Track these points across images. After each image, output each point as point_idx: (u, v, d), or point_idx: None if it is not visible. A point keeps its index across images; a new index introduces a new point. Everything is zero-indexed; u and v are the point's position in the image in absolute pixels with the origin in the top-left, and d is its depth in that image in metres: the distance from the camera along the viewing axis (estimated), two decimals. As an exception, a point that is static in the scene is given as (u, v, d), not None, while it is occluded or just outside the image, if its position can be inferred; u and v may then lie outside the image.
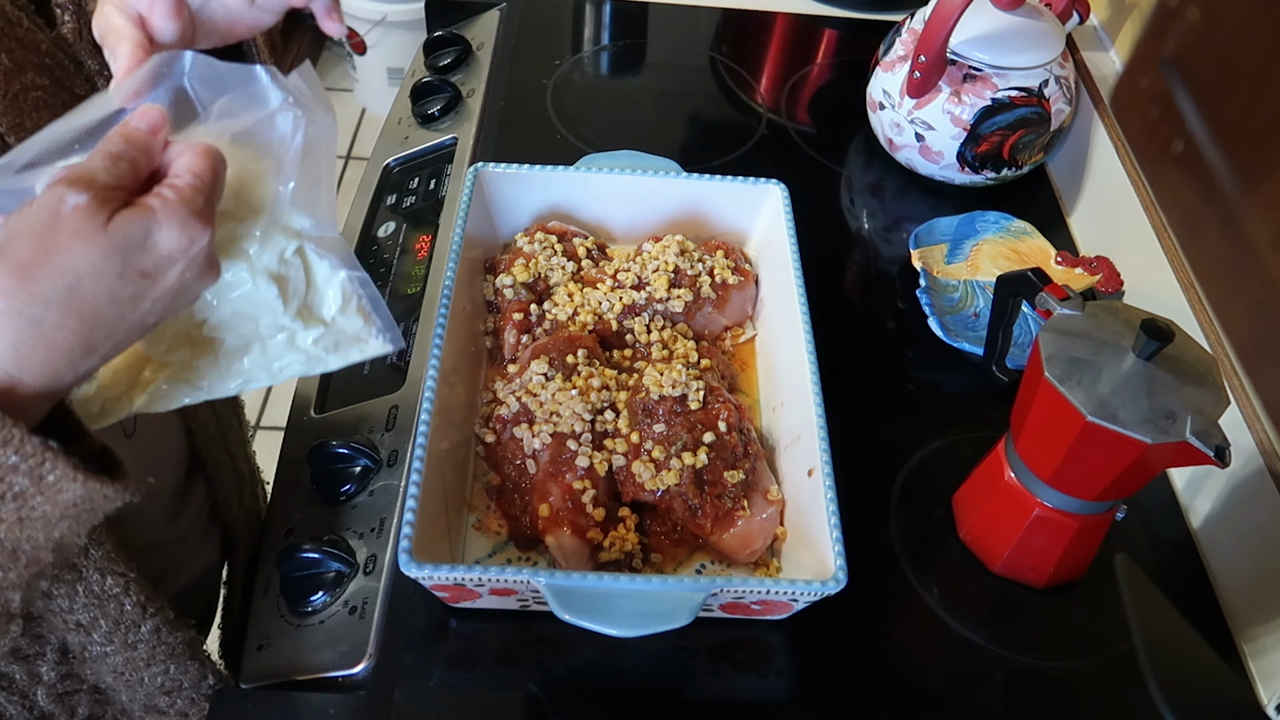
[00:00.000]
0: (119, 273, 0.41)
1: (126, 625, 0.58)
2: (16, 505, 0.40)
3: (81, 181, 0.41)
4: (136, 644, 0.60)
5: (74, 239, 0.40)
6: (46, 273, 0.40)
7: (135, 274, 0.42)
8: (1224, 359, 0.80)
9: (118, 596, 0.57)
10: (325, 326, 0.51)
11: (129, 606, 0.58)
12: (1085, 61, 1.10)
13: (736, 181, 0.88)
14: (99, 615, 0.57)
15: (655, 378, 0.75)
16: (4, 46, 0.55)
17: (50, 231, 0.40)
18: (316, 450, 0.77)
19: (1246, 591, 0.75)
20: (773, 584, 0.62)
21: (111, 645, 0.59)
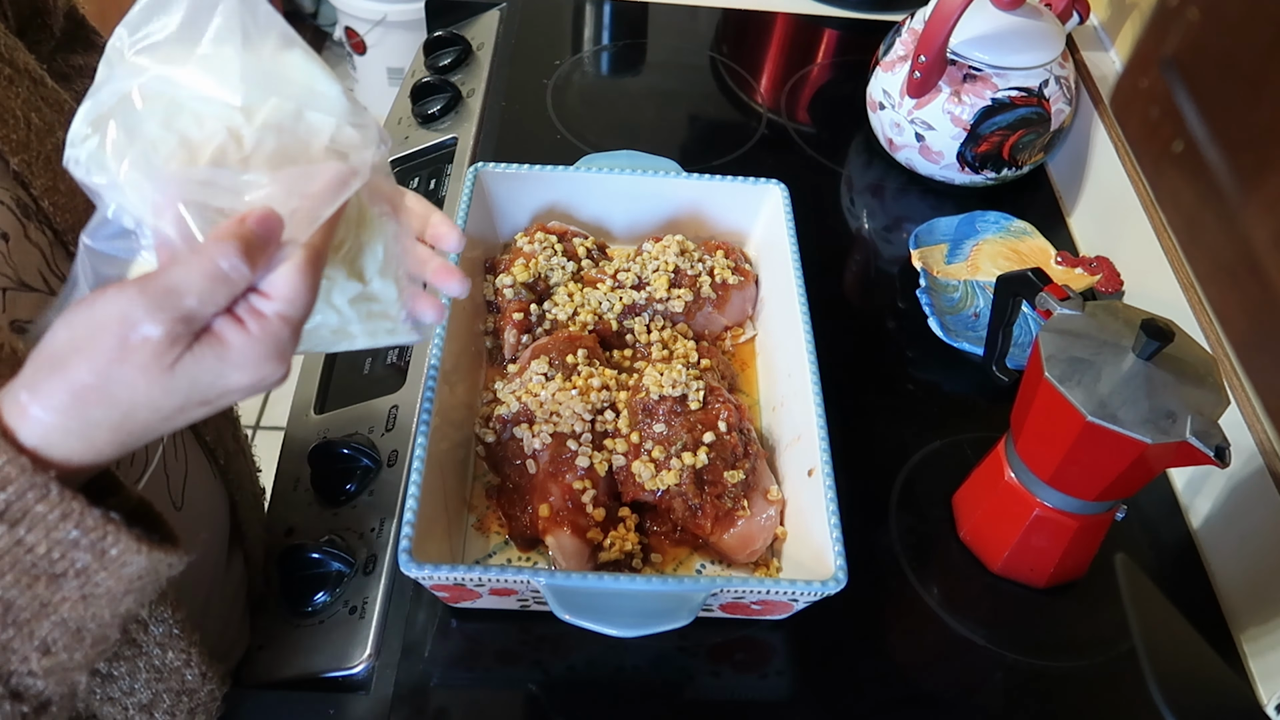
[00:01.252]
0: (179, 407, 0.40)
1: (189, 694, 0.57)
2: (79, 583, 0.39)
3: (164, 307, 0.37)
4: (195, 710, 0.58)
5: (138, 374, 0.38)
6: (102, 401, 0.38)
7: (196, 404, 0.40)
8: (1224, 359, 0.80)
9: (179, 669, 0.54)
10: (363, 285, 0.47)
11: (190, 678, 0.56)
12: (1085, 61, 1.10)
13: (736, 181, 0.88)
14: (161, 691, 0.55)
15: (655, 378, 0.75)
16: (33, 106, 0.54)
17: (115, 359, 0.37)
18: (316, 450, 0.77)
19: (1246, 591, 0.75)
20: (773, 584, 0.62)
21: (175, 718, 0.57)
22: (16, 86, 0.53)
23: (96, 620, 0.40)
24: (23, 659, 0.39)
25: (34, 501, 0.37)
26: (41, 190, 0.52)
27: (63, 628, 0.39)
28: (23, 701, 0.40)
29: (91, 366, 0.37)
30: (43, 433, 0.38)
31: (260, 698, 0.67)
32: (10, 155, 0.51)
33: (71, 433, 0.38)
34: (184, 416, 0.40)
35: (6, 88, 0.52)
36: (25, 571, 0.37)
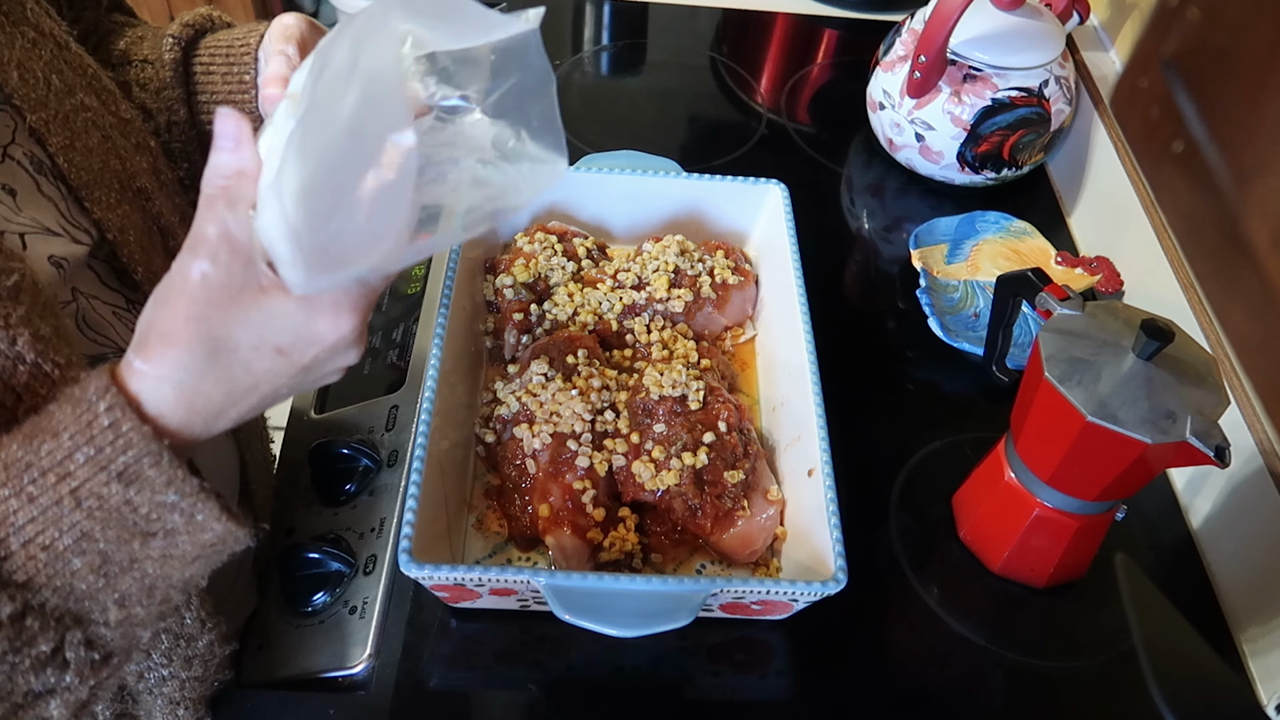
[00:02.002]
0: (254, 346, 0.42)
1: (187, 639, 0.58)
2: (165, 543, 0.42)
3: (231, 251, 0.41)
4: (192, 660, 0.59)
5: (211, 308, 0.41)
6: (186, 339, 0.41)
7: (271, 349, 0.42)
8: (1224, 359, 0.80)
9: (179, 609, 0.56)
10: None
11: (189, 621, 0.57)
12: (1085, 61, 1.10)
13: (736, 181, 0.88)
14: (159, 630, 0.56)
15: (655, 378, 0.75)
16: (55, 68, 0.56)
17: (204, 303, 0.41)
18: (316, 450, 0.77)
19: (1246, 591, 0.75)
20: (773, 584, 0.62)
21: (170, 665, 0.58)
22: (40, 49, 0.55)
23: (166, 581, 0.44)
24: (103, 609, 0.42)
25: (148, 466, 0.40)
26: (58, 147, 0.54)
27: (140, 584, 0.43)
28: (94, 649, 0.42)
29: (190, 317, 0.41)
30: (158, 399, 0.41)
31: (260, 698, 0.67)
32: (29, 112, 0.53)
33: (168, 383, 0.41)
34: (265, 370, 0.43)
35: (30, 50, 0.54)
36: (126, 528, 0.41)
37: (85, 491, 0.40)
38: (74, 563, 0.40)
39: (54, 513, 0.40)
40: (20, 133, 0.54)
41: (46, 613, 0.40)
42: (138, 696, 0.59)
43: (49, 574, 0.40)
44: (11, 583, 0.40)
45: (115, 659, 0.44)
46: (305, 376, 0.45)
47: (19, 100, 0.53)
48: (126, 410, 0.40)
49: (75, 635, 0.42)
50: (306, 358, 0.43)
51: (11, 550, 0.40)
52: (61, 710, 0.43)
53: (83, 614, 0.42)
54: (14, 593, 0.39)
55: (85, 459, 0.40)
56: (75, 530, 0.40)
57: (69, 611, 0.41)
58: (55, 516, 0.40)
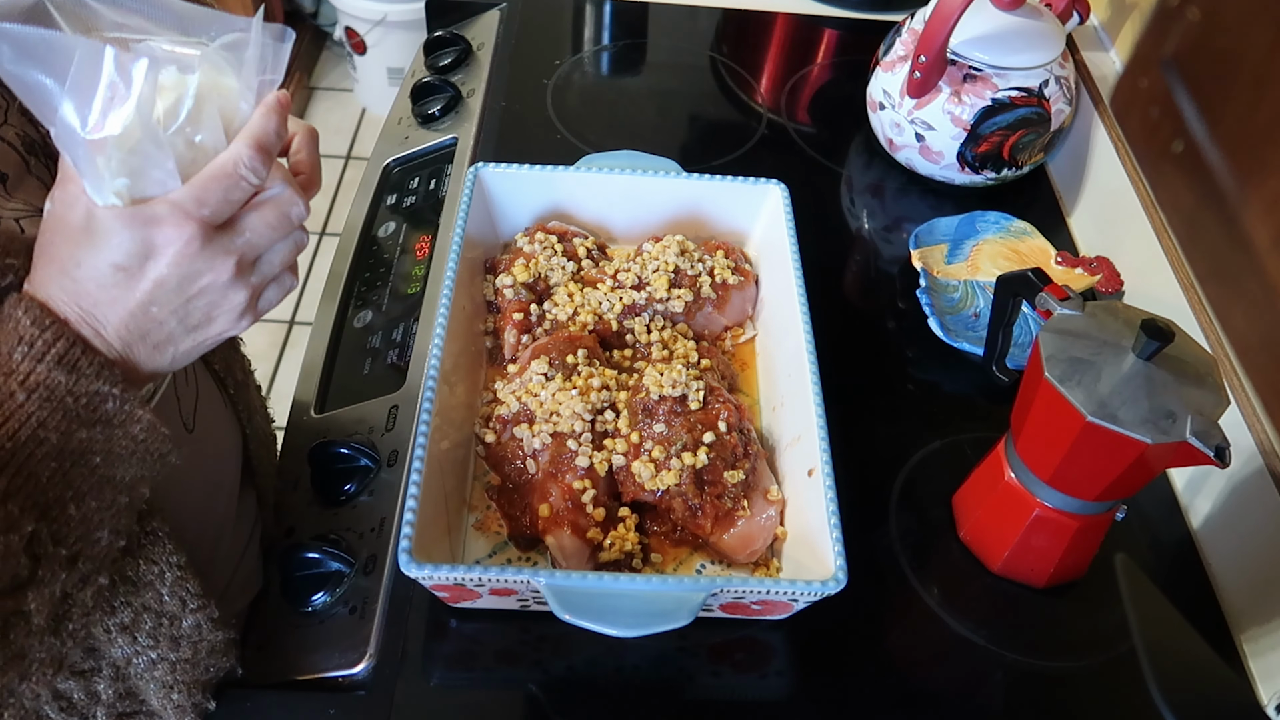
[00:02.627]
0: (93, 264, 0.46)
1: (169, 618, 0.59)
2: (104, 435, 0.47)
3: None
4: (179, 640, 0.60)
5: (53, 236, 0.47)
6: (44, 261, 0.47)
7: (108, 267, 0.46)
8: (1224, 359, 0.80)
9: (152, 581, 0.57)
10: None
11: (167, 597, 0.58)
12: (1085, 61, 1.10)
13: (736, 181, 0.88)
14: (142, 611, 0.57)
15: (655, 378, 0.75)
16: None
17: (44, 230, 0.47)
18: (316, 450, 0.77)
19: (1246, 591, 0.75)
20: (773, 584, 0.62)
21: (156, 648, 0.59)
22: None
23: (110, 481, 0.48)
24: (61, 505, 0.46)
25: (79, 353, 0.46)
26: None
27: (90, 479, 0.47)
28: (60, 545, 0.46)
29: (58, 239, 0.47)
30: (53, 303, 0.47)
31: (260, 698, 0.67)
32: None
33: (71, 308, 0.46)
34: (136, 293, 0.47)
35: None
36: (70, 416, 0.46)
37: (32, 381, 0.45)
38: (35, 453, 0.45)
39: (9, 405, 0.44)
40: (12, 113, 0.55)
41: (22, 498, 0.44)
42: (129, 680, 0.59)
43: (17, 463, 0.44)
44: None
45: (80, 563, 0.48)
46: (186, 295, 0.48)
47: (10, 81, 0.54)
48: (42, 309, 0.46)
49: (42, 529, 0.45)
50: (151, 272, 0.46)
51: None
52: (39, 604, 0.46)
53: (46, 507, 0.45)
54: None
55: (23, 355, 0.45)
56: (31, 420, 0.45)
57: (34, 504, 0.45)
58: (11, 409, 0.44)
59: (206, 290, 0.48)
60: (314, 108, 2.65)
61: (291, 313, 2.17)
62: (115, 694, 0.59)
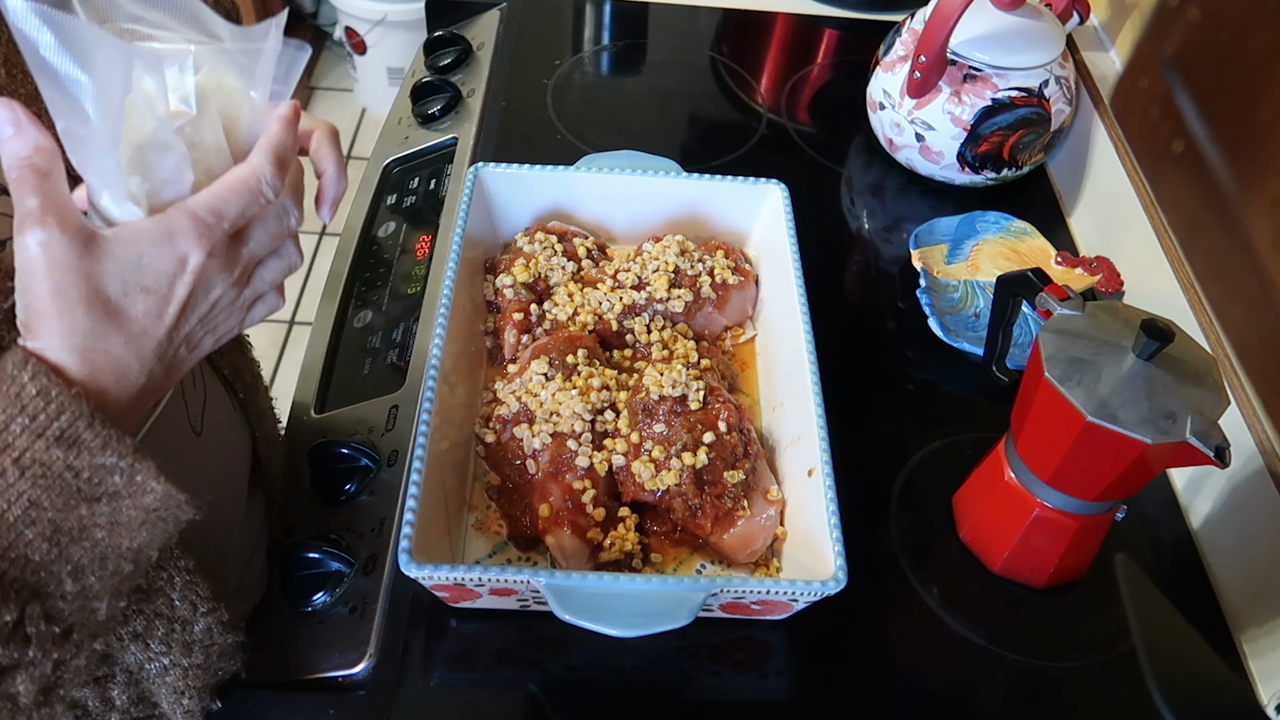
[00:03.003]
0: (122, 293, 0.43)
1: (181, 623, 0.58)
2: (110, 508, 0.43)
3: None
4: (191, 646, 0.59)
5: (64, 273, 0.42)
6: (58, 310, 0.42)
7: (138, 291, 0.43)
8: (1224, 359, 0.80)
9: (162, 587, 0.57)
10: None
11: (179, 603, 0.57)
12: (1085, 61, 1.10)
13: (736, 181, 0.88)
14: (153, 618, 0.57)
15: (655, 378, 0.75)
16: None
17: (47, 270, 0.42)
18: (316, 450, 0.77)
19: (1246, 591, 0.75)
20: (773, 584, 0.62)
21: (169, 654, 0.58)
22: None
23: (116, 550, 0.45)
24: (58, 581, 0.43)
25: (83, 428, 0.42)
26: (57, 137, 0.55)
27: (91, 553, 0.44)
28: (53, 623, 0.43)
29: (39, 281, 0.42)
30: (65, 366, 0.42)
31: (260, 698, 0.67)
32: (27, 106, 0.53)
33: (86, 362, 0.43)
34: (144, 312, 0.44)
35: (7, 49, 0.54)
36: (71, 494, 0.42)
37: (27, 459, 0.41)
38: (26, 533, 0.41)
39: (0, 484, 0.41)
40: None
41: (6, 584, 0.41)
42: (141, 684, 0.59)
43: (3, 545, 0.41)
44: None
45: (75, 634, 0.45)
46: (200, 314, 0.46)
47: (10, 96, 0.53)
48: (51, 376, 0.41)
49: (34, 609, 0.42)
50: (181, 291, 0.44)
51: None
52: (28, 685, 0.43)
53: (39, 586, 0.43)
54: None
55: (21, 428, 0.41)
56: (23, 500, 0.41)
57: (26, 584, 0.42)
58: (2, 488, 0.41)
59: (217, 304, 0.47)
60: (314, 108, 2.65)
61: (291, 313, 2.17)
62: (129, 699, 0.59)
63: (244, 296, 0.49)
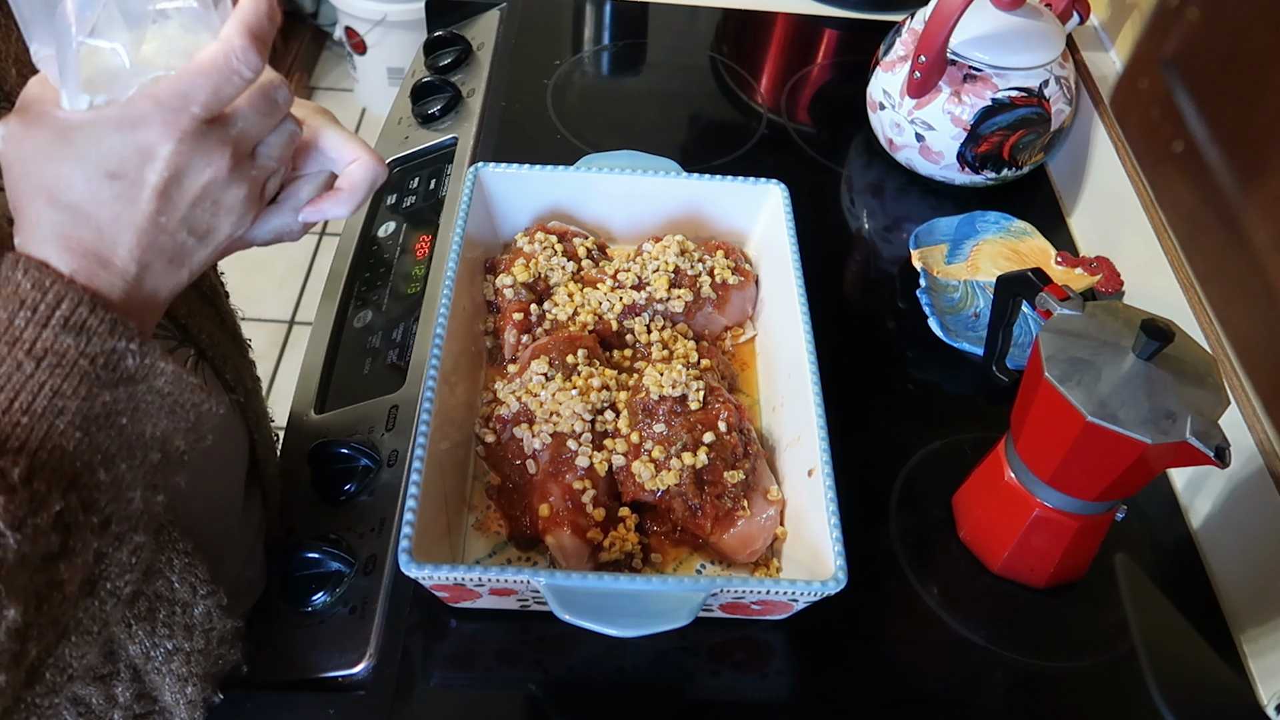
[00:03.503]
0: (85, 179, 0.43)
1: (182, 606, 0.58)
2: (127, 392, 0.44)
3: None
4: (192, 629, 0.60)
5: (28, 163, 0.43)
6: (28, 197, 0.43)
7: (102, 176, 0.43)
8: (1224, 359, 0.80)
9: (161, 569, 0.57)
10: None
11: (178, 585, 0.58)
12: (1085, 61, 1.10)
13: (736, 181, 0.88)
14: (155, 601, 0.57)
15: (655, 378, 0.75)
16: None
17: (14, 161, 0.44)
18: (316, 450, 0.77)
19: (1246, 591, 0.75)
20: (773, 584, 0.62)
21: (172, 638, 0.58)
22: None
23: (141, 439, 0.46)
24: (90, 471, 0.44)
25: (86, 313, 0.42)
26: None
27: (118, 440, 0.45)
28: (91, 512, 0.44)
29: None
30: (49, 254, 0.43)
31: (260, 698, 0.67)
32: None
33: (67, 249, 0.43)
34: (115, 195, 0.44)
35: (23, 43, 0.54)
36: (88, 380, 0.43)
37: (39, 349, 0.42)
38: (56, 423, 0.42)
39: (18, 377, 0.41)
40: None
41: (48, 473, 0.42)
42: (145, 676, 0.59)
43: (39, 436, 0.42)
44: (9, 449, 0.41)
45: (113, 525, 0.46)
46: (172, 201, 0.45)
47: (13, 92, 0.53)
48: (42, 269, 0.42)
49: (72, 498, 0.43)
50: (153, 177, 0.44)
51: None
52: (71, 574, 0.44)
53: (74, 476, 0.43)
54: (16, 457, 0.41)
55: (25, 320, 0.42)
56: (45, 390, 0.42)
57: (63, 474, 0.43)
58: (21, 380, 0.42)
59: (209, 189, 0.46)
60: (314, 108, 2.64)
61: (291, 313, 2.17)
62: (132, 695, 0.59)
63: (250, 174, 0.48)
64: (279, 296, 2.19)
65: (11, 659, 0.42)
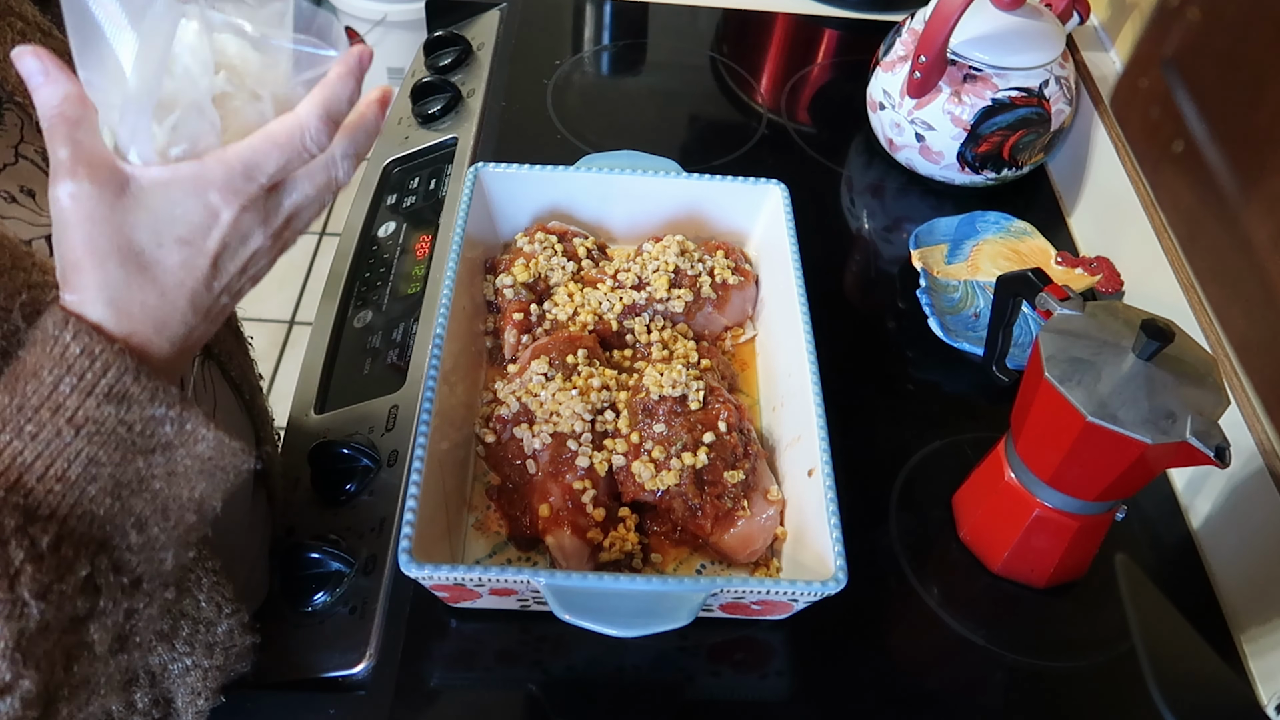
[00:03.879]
0: (156, 243, 0.43)
1: (205, 624, 0.58)
2: (165, 458, 0.44)
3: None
4: (213, 647, 0.60)
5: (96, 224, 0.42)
6: (91, 261, 0.42)
7: (173, 241, 0.43)
8: (1224, 359, 0.80)
9: (189, 588, 0.57)
10: None
11: (204, 604, 0.58)
12: (1085, 61, 1.10)
13: (736, 181, 0.88)
14: (179, 619, 0.57)
15: (655, 378, 0.75)
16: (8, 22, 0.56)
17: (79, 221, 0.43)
18: (316, 450, 0.77)
19: (1246, 591, 0.75)
20: (773, 584, 0.62)
21: (192, 654, 0.59)
22: (28, 39, 0.55)
23: (177, 501, 0.46)
24: (123, 534, 0.44)
25: (130, 382, 0.42)
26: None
27: (152, 504, 0.45)
28: (121, 574, 0.44)
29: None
30: (102, 320, 0.42)
31: (260, 698, 0.67)
32: (34, 109, 0.53)
33: (121, 315, 0.43)
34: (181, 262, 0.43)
35: (19, 40, 0.54)
36: (126, 448, 0.43)
37: (80, 418, 0.41)
38: (89, 490, 0.42)
39: (57, 445, 0.41)
40: (28, 129, 0.54)
41: (76, 539, 0.42)
42: (161, 685, 0.59)
43: (70, 503, 0.42)
44: (40, 516, 0.41)
45: (145, 584, 0.46)
46: (239, 264, 0.45)
47: (22, 96, 0.53)
48: (93, 334, 0.41)
49: (102, 561, 0.43)
50: (214, 244, 0.44)
51: (30, 488, 0.41)
52: (102, 634, 0.44)
53: (105, 539, 0.43)
54: (45, 525, 0.41)
55: (70, 388, 0.41)
56: (81, 458, 0.42)
57: (93, 538, 0.43)
58: (59, 448, 0.41)
59: (257, 255, 0.46)
60: (314, 108, 2.64)
61: (291, 313, 2.17)
62: (150, 700, 0.59)
63: (285, 237, 0.48)
64: (279, 296, 2.19)
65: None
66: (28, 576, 0.40)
